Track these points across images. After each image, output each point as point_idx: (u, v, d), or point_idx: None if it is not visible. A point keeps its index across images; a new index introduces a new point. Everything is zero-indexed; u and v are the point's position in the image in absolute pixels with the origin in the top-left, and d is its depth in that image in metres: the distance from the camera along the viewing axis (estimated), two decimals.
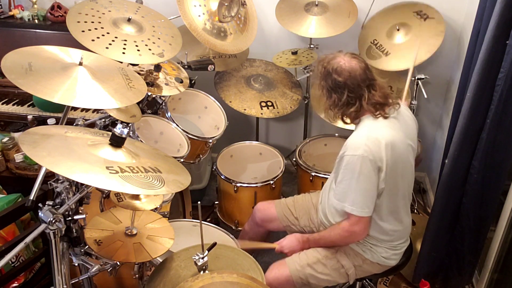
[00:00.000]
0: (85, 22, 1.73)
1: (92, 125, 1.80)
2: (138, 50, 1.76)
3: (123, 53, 1.71)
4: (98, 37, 1.70)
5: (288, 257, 1.79)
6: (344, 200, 1.61)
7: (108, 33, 1.74)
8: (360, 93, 1.59)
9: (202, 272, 1.39)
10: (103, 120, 1.82)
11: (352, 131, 1.70)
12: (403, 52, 2.40)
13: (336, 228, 1.71)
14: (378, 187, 1.58)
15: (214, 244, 1.49)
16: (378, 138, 1.55)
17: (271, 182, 2.38)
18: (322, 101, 1.70)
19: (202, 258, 1.38)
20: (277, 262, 1.79)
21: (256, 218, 2.05)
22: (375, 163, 1.54)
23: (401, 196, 1.68)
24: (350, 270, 1.74)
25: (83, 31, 1.69)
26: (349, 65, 1.59)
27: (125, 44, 1.74)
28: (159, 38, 1.88)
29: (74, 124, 1.70)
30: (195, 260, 1.38)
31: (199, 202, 1.36)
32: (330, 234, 1.73)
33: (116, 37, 1.74)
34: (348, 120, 1.68)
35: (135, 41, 1.78)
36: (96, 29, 1.73)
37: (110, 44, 1.70)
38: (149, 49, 1.80)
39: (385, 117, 1.61)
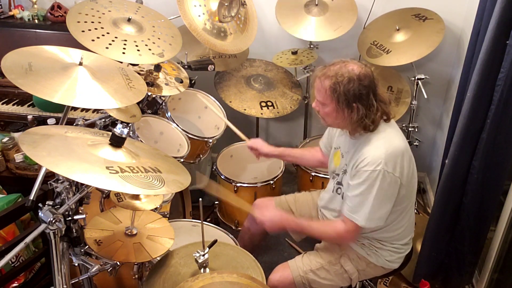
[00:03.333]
0: (85, 22, 1.73)
1: (92, 125, 1.80)
2: (138, 50, 1.76)
3: (123, 53, 1.71)
4: (98, 37, 1.70)
5: (291, 261, 1.78)
6: (357, 213, 1.57)
7: (108, 33, 1.74)
8: (379, 96, 1.56)
9: (202, 269, 1.39)
10: (103, 120, 1.82)
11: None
12: (404, 49, 2.41)
13: (329, 227, 1.70)
14: (395, 199, 1.57)
15: (215, 242, 1.49)
16: (398, 149, 1.54)
17: (271, 182, 2.38)
18: (338, 119, 1.57)
19: (203, 255, 1.38)
20: (282, 265, 1.78)
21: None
22: (395, 176, 1.52)
23: (413, 197, 1.70)
24: (354, 275, 1.73)
25: (83, 31, 1.69)
26: (364, 70, 1.53)
27: (125, 44, 1.74)
28: (159, 38, 1.87)
29: (74, 124, 1.70)
30: (195, 257, 1.38)
31: (200, 199, 1.37)
32: (319, 229, 1.71)
33: (116, 37, 1.74)
34: (370, 128, 1.56)
35: (135, 41, 1.78)
36: (96, 29, 1.73)
37: (110, 44, 1.70)
38: (149, 49, 1.80)
39: (389, 120, 1.61)
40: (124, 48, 1.72)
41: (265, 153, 2.01)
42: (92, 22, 1.75)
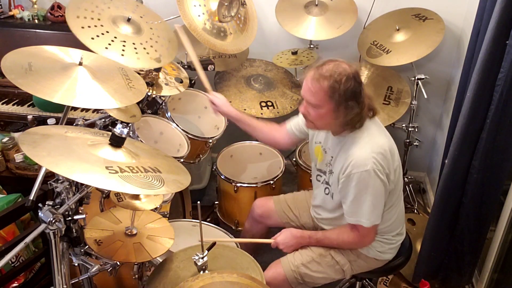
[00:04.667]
0: (85, 17, 1.73)
1: (92, 125, 1.80)
2: (137, 53, 1.78)
3: (122, 55, 1.72)
4: (97, 35, 1.71)
5: (283, 257, 1.78)
6: (359, 216, 1.59)
7: (107, 31, 1.75)
8: (364, 90, 1.57)
9: (202, 272, 1.39)
10: (103, 120, 1.82)
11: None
12: (404, 49, 2.41)
13: (344, 234, 1.69)
14: (387, 194, 1.60)
15: (214, 244, 1.49)
16: (383, 147, 1.56)
17: (271, 182, 2.38)
18: (330, 120, 1.56)
19: (202, 258, 1.38)
20: (274, 262, 1.79)
21: (255, 214, 2.05)
22: (384, 173, 1.54)
23: (401, 190, 1.72)
24: (345, 266, 1.74)
25: (82, 27, 1.69)
26: (354, 68, 1.54)
27: (124, 46, 1.75)
28: (156, 42, 1.88)
29: (74, 124, 1.70)
30: (195, 260, 1.38)
31: (198, 202, 1.37)
32: (337, 240, 1.71)
33: (115, 37, 1.75)
34: (358, 125, 1.57)
35: (133, 43, 1.79)
36: (95, 26, 1.74)
37: (109, 44, 1.71)
38: (147, 53, 1.80)
39: (374, 116, 1.62)
40: (123, 50, 1.73)
41: (223, 112, 1.97)
42: (92, 18, 1.75)
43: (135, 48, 1.78)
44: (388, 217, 1.70)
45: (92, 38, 1.68)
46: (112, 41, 1.72)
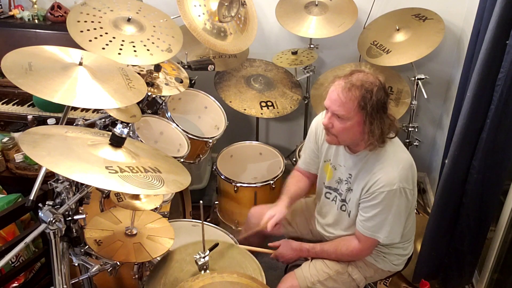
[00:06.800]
0: (88, 30, 1.74)
1: (92, 125, 1.80)
2: (148, 50, 1.79)
3: (136, 55, 1.74)
4: (107, 44, 1.72)
5: (297, 270, 1.75)
6: (378, 232, 1.57)
7: (114, 37, 1.76)
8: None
9: (202, 271, 1.39)
10: (103, 120, 1.82)
11: None
12: (404, 49, 2.41)
13: (342, 247, 1.67)
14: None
15: (216, 245, 1.50)
16: (407, 163, 1.55)
17: (271, 182, 2.38)
18: (356, 134, 1.51)
19: (203, 257, 1.38)
20: (289, 275, 1.76)
21: (251, 224, 2.02)
22: (410, 190, 1.53)
23: (415, 199, 1.69)
24: (361, 283, 1.73)
25: (90, 41, 1.71)
26: (380, 78, 1.50)
27: (134, 46, 1.77)
28: (161, 33, 1.89)
29: (74, 124, 1.70)
30: (196, 259, 1.38)
31: (201, 202, 1.37)
32: (335, 251, 1.69)
33: (123, 41, 1.77)
34: (379, 142, 1.52)
35: (141, 41, 1.80)
36: (101, 36, 1.75)
37: (120, 49, 1.73)
38: (157, 46, 1.81)
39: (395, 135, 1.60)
40: (135, 51, 1.75)
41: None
42: (95, 28, 1.76)
43: (144, 45, 1.80)
44: (405, 225, 1.67)
45: (103, 48, 1.69)
46: (122, 45, 1.73)
